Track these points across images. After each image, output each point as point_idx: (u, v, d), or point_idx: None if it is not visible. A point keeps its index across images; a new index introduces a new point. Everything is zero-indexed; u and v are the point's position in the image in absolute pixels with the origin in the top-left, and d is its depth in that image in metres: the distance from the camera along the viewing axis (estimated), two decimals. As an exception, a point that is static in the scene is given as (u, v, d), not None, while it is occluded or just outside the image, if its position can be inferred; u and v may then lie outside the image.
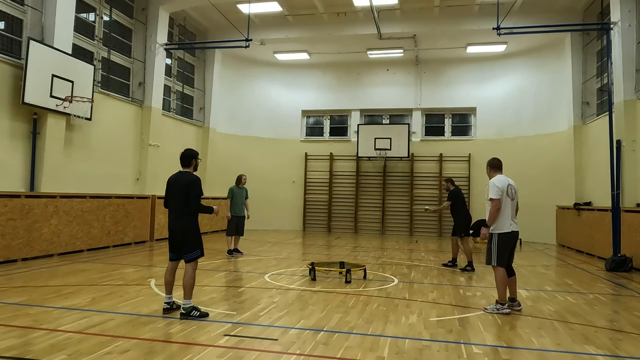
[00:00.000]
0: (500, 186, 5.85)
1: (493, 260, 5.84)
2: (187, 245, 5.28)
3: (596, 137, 13.19)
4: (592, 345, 4.56)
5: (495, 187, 5.84)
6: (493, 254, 5.84)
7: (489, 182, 6.02)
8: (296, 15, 15.39)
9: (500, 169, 6.17)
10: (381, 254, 11.59)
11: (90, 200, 10.52)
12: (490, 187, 5.91)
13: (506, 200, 5.84)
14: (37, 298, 5.88)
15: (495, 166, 6.16)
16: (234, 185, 10.77)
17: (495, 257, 5.83)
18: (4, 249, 8.40)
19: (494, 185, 5.88)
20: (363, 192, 18.32)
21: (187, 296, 5.17)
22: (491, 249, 5.87)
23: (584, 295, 7.13)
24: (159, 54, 13.67)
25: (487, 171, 6.24)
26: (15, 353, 3.88)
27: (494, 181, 5.94)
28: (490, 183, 5.97)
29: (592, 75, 14.02)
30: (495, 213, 5.78)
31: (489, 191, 5.88)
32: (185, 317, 5.09)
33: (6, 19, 9.60)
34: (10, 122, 9.35)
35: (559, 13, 14.05)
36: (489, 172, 6.19)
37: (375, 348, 4.29)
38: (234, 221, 10.54)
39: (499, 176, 6.04)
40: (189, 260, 5.28)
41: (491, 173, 6.16)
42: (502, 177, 6.02)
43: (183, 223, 5.29)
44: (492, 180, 6.00)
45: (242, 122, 18.54)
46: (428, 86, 18.05)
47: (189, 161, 5.53)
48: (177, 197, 5.31)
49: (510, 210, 5.87)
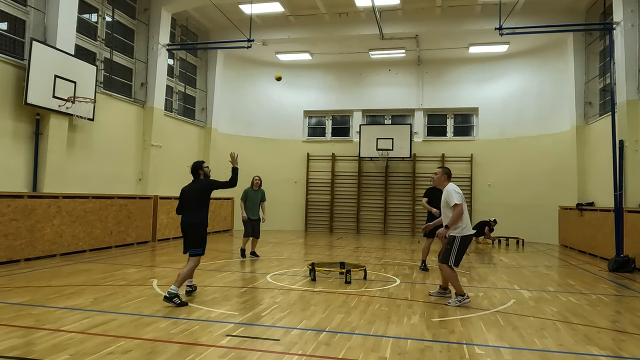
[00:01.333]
0: (459, 192, 6.28)
1: (451, 260, 6.17)
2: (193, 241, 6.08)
3: (599, 137, 13.16)
4: (594, 346, 4.55)
5: (457, 193, 6.21)
6: (452, 255, 6.17)
7: (448, 188, 6.34)
8: (298, 16, 15.40)
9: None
10: (383, 255, 11.58)
11: (93, 200, 10.54)
12: (451, 193, 6.22)
13: (464, 205, 6.27)
14: (39, 298, 5.89)
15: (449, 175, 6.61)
16: (248, 187, 10.43)
17: (454, 258, 6.18)
18: (7, 249, 8.42)
19: (454, 191, 6.23)
20: (365, 192, 18.32)
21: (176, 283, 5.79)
22: (451, 250, 6.18)
23: (586, 295, 7.11)
24: (161, 54, 13.70)
25: (442, 179, 6.53)
26: (17, 353, 3.90)
27: (454, 188, 6.32)
28: (450, 190, 6.28)
29: (595, 75, 13.99)
30: (459, 217, 6.14)
31: (452, 197, 6.17)
32: (167, 301, 5.63)
33: (9, 19, 9.63)
34: (13, 122, 9.38)
35: (562, 13, 14.02)
36: (445, 180, 6.51)
37: (377, 348, 4.29)
38: (249, 223, 10.22)
39: (452, 184, 6.44)
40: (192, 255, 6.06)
41: (447, 181, 6.51)
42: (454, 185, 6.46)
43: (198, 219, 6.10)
44: (450, 187, 6.35)
45: (244, 122, 18.56)
46: (430, 86, 18.04)
47: (196, 172, 6.39)
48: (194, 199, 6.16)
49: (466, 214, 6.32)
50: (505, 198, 16.41)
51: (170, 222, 13.35)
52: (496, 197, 16.63)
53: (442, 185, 6.53)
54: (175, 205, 6.49)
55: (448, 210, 6.29)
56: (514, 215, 16.05)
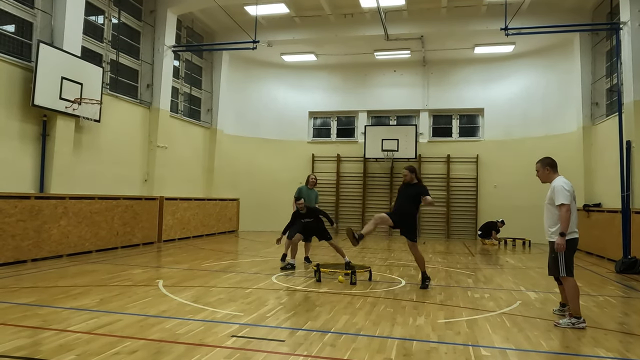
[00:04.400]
0: (569, 189, 5.26)
1: (562, 270, 5.28)
2: None
3: (606, 137, 13.08)
4: (601, 348, 4.51)
5: (565, 191, 5.23)
6: (561, 263, 5.27)
7: (554, 184, 5.37)
8: (303, 17, 15.41)
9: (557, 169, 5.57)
10: (388, 256, 11.56)
11: (99, 201, 10.59)
12: (557, 190, 5.27)
13: (573, 203, 5.30)
14: (46, 298, 5.92)
15: (554, 166, 5.58)
16: (303, 185, 10.01)
17: (564, 266, 5.27)
18: (14, 250, 8.47)
19: (562, 188, 5.25)
20: (370, 193, 18.30)
21: None
22: (557, 258, 5.29)
23: (593, 297, 7.06)
24: (167, 56, 13.75)
25: (545, 172, 5.57)
26: (24, 353, 3.92)
27: (561, 184, 5.30)
28: (556, 186, 5.32)
29: (602, 75, 13.90)
30: (568, 218, 5.19)
31: (557, 195, 5.25)
32: None
33: (17, 22, 9.70)
34: (20, 123, 9.45)
35: (568, 13, 13.95)
36: (548, 174, 5.55)
37: (382, 350, 4.28)
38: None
39: (561, 177, 5.44)
40: None
41: (551, 175, 5.55)
42: (565, 179, 5.40)
43: None
44: (558, 182, 5.35)
45: (250, 123, 18.59)
46: (435, 87, 18.00)
47: None
48: None
49: (576, 213, 5.36)
50: (511, 199, 16.32)
51: (176, 223, 13.39)
52: (502, 198, 16.55)
53: (548, 180, 5.56)
54: (180, 205, 6.39)
55: (553, 209, 5.34)
56: (521, 217, 15.96)
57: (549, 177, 5.55)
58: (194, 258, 10.16)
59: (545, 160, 5.59)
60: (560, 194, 5.24)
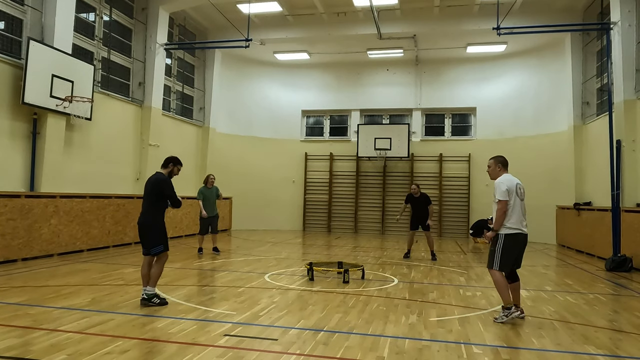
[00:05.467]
0: (507, 187, 5.38)
1: (495, 264, 5.40)
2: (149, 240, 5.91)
3: (596, 137, 13.19)
4: (592, 345, 4.56)
5: (502, 188, 5.37)
6: (496, 257, 5.40)
7: (496, 181, 5.54)
8: (296, 15, 15.39)
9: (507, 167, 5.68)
10: (381, 254, 11.59)
11: (90, 200, 10.52)
12: (496, 186, 5.45)
13: (516, 200, 5.40)
14: (37, 298, 5.88)
15: (505, 165, 5.66)
16: (202, 186, 10.86)
17: (499, 260, 5.38)
18: (4, 249, 8.40)
19: (500, 185, 5.42)
20: (363, 192, 18.32)
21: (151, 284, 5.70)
22: (494, 252, 5.43)
23: (584, 295, 7.13)
24: (159, 54, 13.67)
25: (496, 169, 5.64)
26: (15, 353, 3.89)
27: (501, 180, 5.47)
28: (496, 182, 5.50)
29: (592, 75, 14.02)
30: (501, 214, 5.34)
31: (495, 191, 5.42)
32: (145, 304, 5.55)
33: (6, 18, 9.60)
34: (10, 122, 9.35)
35: (559, 13, 14.06)
36: (499, 171, 5.63)
37: (375, 348, 4.29)
38: (207, 221, 10.61)
39: (506, 175, 5.56)
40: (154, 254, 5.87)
41: (500, 172, 5.62)
42: (510, 177, 5.53)
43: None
44: (499, 179, 5.51)
45: (242, 122, 18.54)
46: (428, 86, 18.05)
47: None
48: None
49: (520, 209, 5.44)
50: (503, 198, 16.37)
51: (168, 221, 13.24)
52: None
53: (496, 177, 5.61)
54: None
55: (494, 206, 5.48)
56: (512, 215, 16.01)
57: (498, 175, 5.64)
58: (186, 257, 10.13)
59: (498, 158, 5.71)
60: (497, 190, 5.43)
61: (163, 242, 5.90)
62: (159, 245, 5.85)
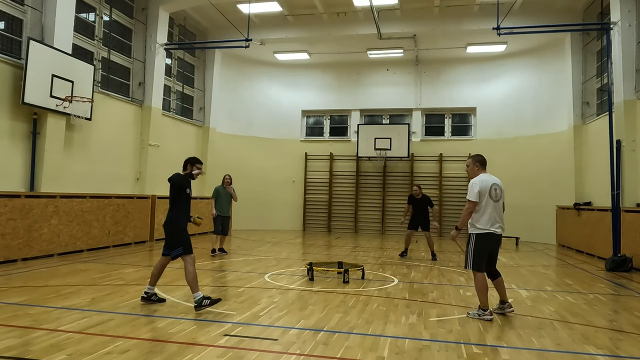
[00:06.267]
0: (480, 187, 5.39)
1: (469, 264, 5.50)
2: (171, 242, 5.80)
3: (596, 137, 13.19)
4: (592, 345, 4.56)
5: (473, 189, 5.41)
6: (469, 257, 5.50)
7: (471, 181, 5.56)
8: (296, 15, 15.39)
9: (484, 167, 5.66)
10: (381, 254, 11.59)
11: (90, 200, 10.52)
12: (469, 186, 5.49)
13: (488, 201, 5.40)
14: (37, 298, 5.88)
15: (484, 164, 5.64)
16: (219, 185, 10.80)
17: (471, 260, 5.47)
18: (4, 249, 8.39)
19: (472, 185, 5.45)
20: (363, 192, 18.32)
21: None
22: (467, 252, 5.51)
23: (584, 295, 7.13)
24: (159, 53, 13.67)
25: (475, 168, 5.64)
26: (15, 353, 3.88)
27: (475, 180, 5.50)
28: (470, 182, 5.54)
29: (592, 75, 14.02)
30: (467, 214, 5.44)
31: (468, 190, 5.47)
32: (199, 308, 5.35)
33: (6, 19, 9.60)
34: (10, 122, 9.35)
35: (559, 13, 14.06)
36: (477, 170, 5.63)
37: (375, 348, 4.29)
38: (219, 221, 10.50)
39: (482, 175, 5.56)
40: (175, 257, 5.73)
41: (478, 172, 5.61)
42: (487, 177, 5.55)
43: None
44: (474, 179, 5.53)
45: (242, 122, 18.54)
46: (428, 86, 18.05)
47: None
48: None
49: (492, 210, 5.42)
50: (503, 198, 16.38)
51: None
52: (494, 196, 16.60)
53: (474, 176, 5.64)
54: None
55: None
56: (512, 215, 15.93)
57: (476, 174, 5.65)
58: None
59: (477, 157, 5.73)
60: (469, 190, 5.50)
61: (182, 245, 5.70)
62: (178, 247, 5.70)
